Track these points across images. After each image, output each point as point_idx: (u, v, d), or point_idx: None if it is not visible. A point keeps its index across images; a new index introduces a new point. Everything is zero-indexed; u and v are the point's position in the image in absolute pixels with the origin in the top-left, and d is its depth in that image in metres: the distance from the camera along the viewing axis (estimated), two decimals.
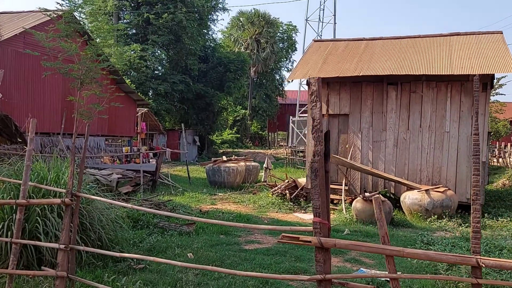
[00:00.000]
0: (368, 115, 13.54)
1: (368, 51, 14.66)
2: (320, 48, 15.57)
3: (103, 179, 14.73)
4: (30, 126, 5.10)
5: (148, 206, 10.14)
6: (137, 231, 8.51)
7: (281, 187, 13.68)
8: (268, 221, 10.88)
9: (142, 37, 32.59)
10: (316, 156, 4.25)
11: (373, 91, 13.50)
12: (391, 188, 13.22)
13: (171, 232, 8.75)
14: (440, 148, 12.81)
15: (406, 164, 13.15)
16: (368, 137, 13.53)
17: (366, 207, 10.73)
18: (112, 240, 7.04)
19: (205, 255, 7.19)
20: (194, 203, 13.41)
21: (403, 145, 13.18)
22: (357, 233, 9.68)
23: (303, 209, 12.96)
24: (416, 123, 13.06)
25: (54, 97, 16.51)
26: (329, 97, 13.93)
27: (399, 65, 13.23)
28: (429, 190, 11.52)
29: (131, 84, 27.04)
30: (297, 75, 14.28)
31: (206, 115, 35.45)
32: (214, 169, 17.21)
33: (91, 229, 6.56)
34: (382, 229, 3.99)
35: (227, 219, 10.53)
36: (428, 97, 12.94)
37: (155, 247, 7.52)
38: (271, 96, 53.54)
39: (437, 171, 12.82)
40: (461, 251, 7.72)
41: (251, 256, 7.33)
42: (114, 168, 17.22)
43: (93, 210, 6.72)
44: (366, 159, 13.53)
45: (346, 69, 13.53)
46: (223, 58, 35.28)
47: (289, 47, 57.71)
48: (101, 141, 20.55)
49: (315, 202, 4.24)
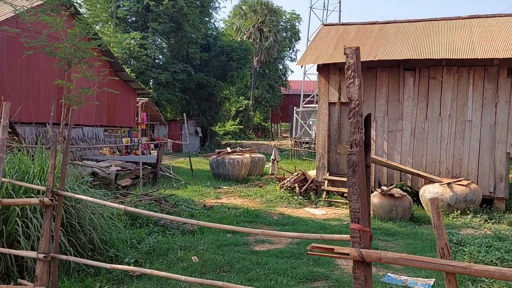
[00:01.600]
0: (383, 103, 12.64)
1: (382, 35, 13.72)
2: (330, 33, 14.62)
3: (101, 172, 13.92)
4: (3, 111, 4.25)
5: (148, 201, 9.31)
6: (136, 230, 7.69)
7: (290, 180, 12.83)
8: (278, 217, 10.04)
9: (142, 24, 31.59)
10: (354, 146, 3.41)
11: (388, 77, 12.59)
12: (408, 181, 12.37)
13: (173, 230, 7.93)
14: (461, 138, 11.93)
15: (424, 156, 12.28)
16: (383, 126, 12.64)
17: (384, 202, 9.88)
18: (107, 241, 6.22)
19: (211, 259, 6.36)
20: (197, 197, 12.59)
21: (421, 135, 12.30)
22: (376, 231, 8.85)
23: (314, 203, 12.12)
24: (435, 111, 12.16)
25: (50, 84, 15.58)
26: (342, 83, 13.02)
27: (416, 49, 12.31)
28: (451, 184, 10.66)
29: (131, 73, 26.10)
30: (307, 60, 13.36)
31: (208, 105, 34.52)
32: (218, 161, 16.36)
33: (80, 231, 5.74)
34: (441, 239, 3.15)
35: (234, 215, 9.70)
36: (448, 83, 12.02)
37: (155, 249, 6.69)
38: (274, 86, 52.53)
39: (457, 163, 11.96)
40: (498, 252, 6.88)
41: (263, 260, 6.50)
42: (114, 160, 16.40)
43: (83, 208, 5.88)
44: (381, 150, 12.66)
45: (361, 54, 12.58)
46: (226, 47, 34.22)
47: (293, 36, 56.58)
48: (100, 131, 19.70)
49: (354, 204, 3.43)
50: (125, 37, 29.00)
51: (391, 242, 8.10)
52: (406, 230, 9.02)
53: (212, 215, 9.58)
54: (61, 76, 7.35)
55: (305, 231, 8.57)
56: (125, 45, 28.63)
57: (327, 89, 13.19)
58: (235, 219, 9.30)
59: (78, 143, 17.93)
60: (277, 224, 9.27)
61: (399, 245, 7.92)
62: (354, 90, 3.42)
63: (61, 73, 7.77)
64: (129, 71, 26.77)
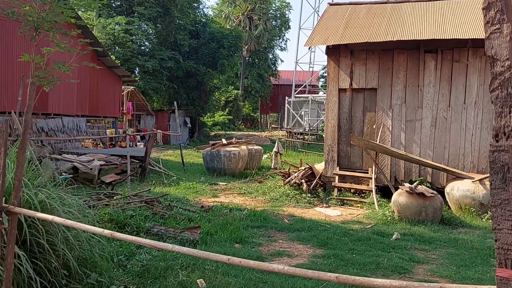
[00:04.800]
0: (401, 90, 11.31)
1: (397, 14, 12.35)
2: (338, 13, 13.20)
3: (82, 167, 12.38)
4: None
5: (139, 204, 7.84)
6: (124, 241, 6.23)
7: (298, 176, 11.44)
8: (289, 220, 8.66)
9: (127, 9, 29.71)
10: (503, 137, 2.07)
11: (407, 61, 11.25)
12: (428, 177, 11.11)
13: (170, 241, 6.49)
14: (489, 129, 10.67)
15: (446, 148, 11.01)
16: (400, 115, 11.32)
17: (412, 201, 8.56)
18: (86, 261, 4.77)
19: (222, 284, 4.95)
20: (191, 195, 11.16)
21: (443, 125, 11.01)
22: (409, 237, 7.54)
23: (324, 202, 10.77)
24: (459, 98, 10.87)
25: (15, 62, 13.41)
26: (353, 68, 11.64)
27: (438, 29, 10.97)
28: (483, 180, 9.40)
29: (116, 61, 24.36)
30: (315, 41, 11.93)
31: (198, 94, 32.87)
32: (212, 153, 14.89)
33: (51, 251, 4.27)
34: None
35: (239, 218, 8.29)
36: (474, 67, 10.74)
37: (149, 269, 5.25)
38: (264, 76, 51.01)
39: (484, 156, 10.71)
40: None
41: (288, 282, 5.11)
42: (97, 153, 14.84)
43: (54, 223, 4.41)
44: (398, 142, 11.35)
45: (375, 34, 11.24)
46: (216, 33, 32.52)
47: (282, 24, 55.08)
48: (82, 122, 18.03)
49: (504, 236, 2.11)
50: (109, 22, 27.14)
51: (431, 252, 6.79)
52: (442, 235, 7.72)
53: (213, 218, 8.16)
54: (29, 51, 5.83)
55: (326, 238, 7.21)
56: (109, 30, 26.80)
57: (337, 74, 11.80)
58: (241, 224, 7.89)
59: (57, 134, 16.28)
60: (290, 229, 7.90)
61: (441, 256, 6.62)
62: (501, 43, 2.05)
63: (29, 48, 6.24)
64: (114, 58, 25.00)
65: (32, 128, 15.42)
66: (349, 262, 6.02)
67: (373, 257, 6.31)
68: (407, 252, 6.72)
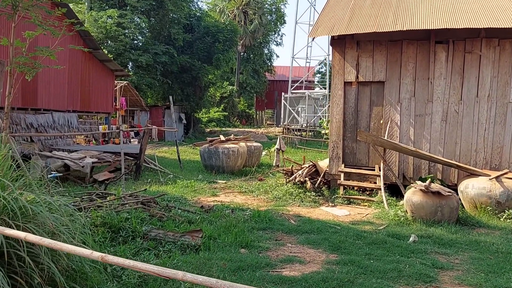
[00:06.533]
0: (410, 83, 10.75)
1: (405, 3, 11.76)
2: (343, 1, 12.60)
3: (74, 164, 11.73)
4: None
5: (135, 205, 7.22)
6: (118, 247, 5.63)
7: (302, 174, 10.86)
8: (296, 221, 8.08)
9: (119, 1, 28.86)
10: None
11: (416, 52, 10.68)
12: (438, 174, 10.57)
13: (169, 246, 5.89)
14: (502, 123, 10.15)
15: (457, 143, 10.48)
16: (409, 110, 10.77)
17: (427, 201, 8.00)
18: (75, 274, 4.17)
19: None
20: (190, 194, 10.55)
21: (454, 119, 10.47)
22: (427, 239, 6.99)
23: (330, 201, 10.20)
24: (471, 91, 10.33)
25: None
26: (360, 59, 11.06)
27: (450, 18, 10.41)
28: (499, 177, 8.87)
29: (108, 55, 23.60)
30: (319, 31, 11.32)
31: (192, 90, 32.17)
32: (210, 150, 14.27)
33: (33, 266, 3.66)
34: None
35: (242, 220, 7.69)
36: (488, 58, 10.19)
37: (147, 281, 4.65)
38: (259, 71, 50.40)
39: (497, 152, 10.20)
40: None
41: None
42: (89, 150, 14.16)
43: (37, 229, 3.81)
44: (406, 137, 10.80)
45: (383, 24, 10.66)
46: (211, 27, 31.79)
47: (278, 19, 54.47)
48: (73, 117, 17.32)
49: None
50: (101, 15, 26.34)
51: (453, 257, 6.24)
52: (461, 237, 7.18)
53: (215, 220, 7.56)
54: (7, 34, 5.18)
55: (339, 242, 6.64)
56: (101, 23, 26.01)
57: (342, 66, 11.22)
58: (245, 226, 7.30)
59: (48, 130, 15.57)
60: (298, 231, 7.32)
61: (465, 261, 6.07)
62: None
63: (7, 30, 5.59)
64: (106, 52, 24.25)
65: (20, 124, 14.74)
66: (367, 269, 5.45)
67: (393, 263, 5.74)
68: (427, 256, 6.16)
